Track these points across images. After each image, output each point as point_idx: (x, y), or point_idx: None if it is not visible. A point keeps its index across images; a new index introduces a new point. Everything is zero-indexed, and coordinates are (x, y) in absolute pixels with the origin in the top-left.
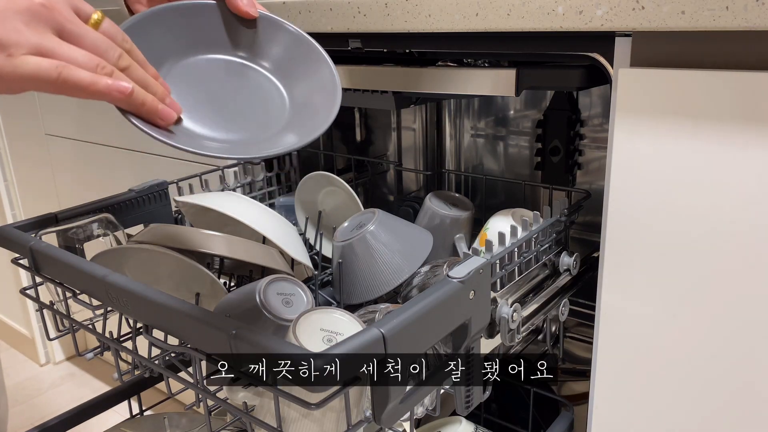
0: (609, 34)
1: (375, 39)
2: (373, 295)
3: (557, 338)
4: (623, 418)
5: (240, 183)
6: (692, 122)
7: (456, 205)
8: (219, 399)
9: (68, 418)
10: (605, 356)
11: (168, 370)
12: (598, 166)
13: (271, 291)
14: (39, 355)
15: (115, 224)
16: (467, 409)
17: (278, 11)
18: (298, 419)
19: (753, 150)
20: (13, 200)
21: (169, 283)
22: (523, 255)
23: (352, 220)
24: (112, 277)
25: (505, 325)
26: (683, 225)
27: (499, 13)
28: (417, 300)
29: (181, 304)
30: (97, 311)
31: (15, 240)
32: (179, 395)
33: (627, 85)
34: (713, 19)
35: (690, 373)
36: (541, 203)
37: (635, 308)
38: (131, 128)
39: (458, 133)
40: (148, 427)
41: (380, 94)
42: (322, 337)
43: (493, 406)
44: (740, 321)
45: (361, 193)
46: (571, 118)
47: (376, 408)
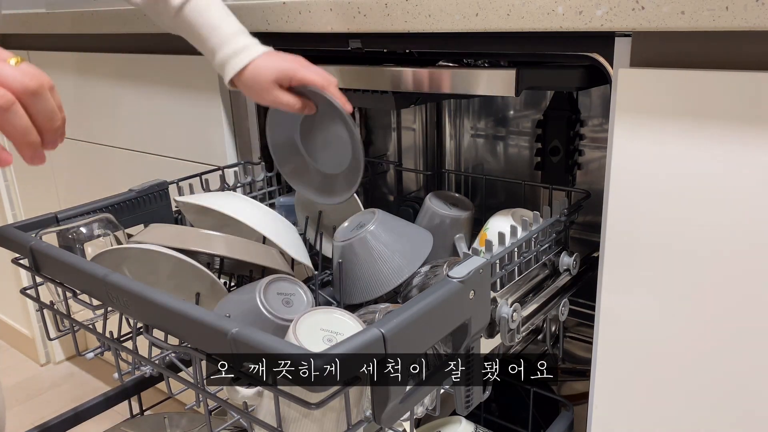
0: (609, 34)
1: (375, 39)
2: (373, 295)
3: (557, 338)
4: (623, 418)
5: (240, 183)
6: (692, 122)
7: (456, 205)
8: (219, 399)
9: (68, 418)
10: (605, 356)
11: (168, 370)
12: (598, 166)
13: (271, 291)
14: (39, 355)
15: (115, 224)
16: (467, 409)
17: (278, 11)
18: (298, 419)
19: (753, 150)
20: (13, 200)
21: (169, 283)
22: (523, 255)
23: (352, 220)
24: (112, 277)
25: (505, 325)
26: (683, 225)
27: (499, 13)
28: (417, 300)
29: (181, 304)
30: (97, 311)
31: (15, 240)
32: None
33: (627, 85)
34: (713, 19)
35: (689, 372)
36: (541, 203)
37: (635, 308)
38: (131, 128)
39: (458, 133)
40: (148, 427)
41: (380, 94)
42: (322, 337)
43: (493, 406)
44: (739, 320)
45: (361, 193)
46: (571, 118)
47: (376, 408)
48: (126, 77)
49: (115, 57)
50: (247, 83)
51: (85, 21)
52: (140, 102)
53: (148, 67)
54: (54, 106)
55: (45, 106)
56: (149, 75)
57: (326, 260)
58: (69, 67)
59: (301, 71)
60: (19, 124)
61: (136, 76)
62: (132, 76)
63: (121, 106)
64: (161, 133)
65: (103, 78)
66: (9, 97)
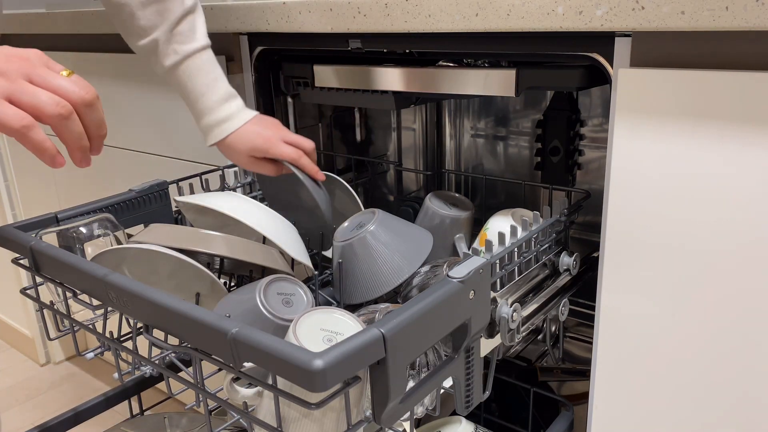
0: (609, 34)
1: (375, 39)
2: (373, 295)
3: (557, 338)
4: (623, 417)
5: (240, 183)
6: (692, 122)
7: (456, 205)
8: (219, 399)
9: (68, 418)
10: (605, 356)
11: (168, 370)
12: (598, 166)
13: (271, 291)
14: (39, 355)
15: (115, 224)
16: (467, 408)
17: (278, 11)
18: (298, 419)
19: (752, 150)
20: (13, 200)
21: (169, 283)
22: (523, 255)
23: (352, 220)
24: (112, 277)
25: (505, 325)
26: (683, 224)
27: (499, 13)
28: (417, 300)
29: (181, 304)
30: (97, 311)
31: (15, 240)
32: (179, 395)
33: (627, 85)
34: (713, 19)
35: (689, 372)
36: (541, 203)
37: (635, 308)
38: (131, 128)
39: (458, 133)
40: (148, 427)
41: (380, 94)
42: (322, 337)
43: (493, 406)
44: (739, 320)
45: (361, 193)
46: (571, 118)
47: (376, 408)
48: (126, 77)
49: (115, 57)
50: (226, 152)
51: (85, 21)
52: (140, 102)
53: (148, 67)
54: (102, 116)
55: (97, 116)
56: (149, 75)
57: (326, 260)
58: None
59: (272, 149)
60: (75, 131)
61: (136, 76)
62: (132, 76)
63: (121, 106)
64: (161, 133)
65: (103, 78)
66: (69, 108)
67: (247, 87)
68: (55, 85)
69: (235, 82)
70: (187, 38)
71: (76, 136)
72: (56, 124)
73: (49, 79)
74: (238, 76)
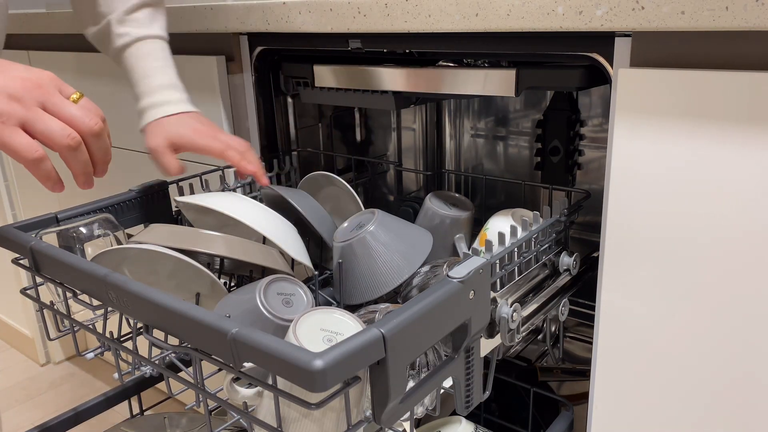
0: (609, 34)
1: (375, 39)
2: (373, 295)
3: (557, 338)
4: (623, 417)
5: (240, 183)
6: (692, 122)
7: (456, 205)
8: (219, 399)
9: (68, 418)
10: (605, 356)
11: (168, 370)
12: (598, 166)
13: (271, 291)
14: (39, 355)
15: (115, 224)
16: (467, 408)
17: (278, 11)
18: (298, 419)
19: (752, 150)
20: (13, 200)
21: (169, 283)
22: (522, 255)
23: (352, 220)
24: (112, 277)
25: (505, 325)
26: (683, 225)
27: (498, 13)
28: (417, 300)
29: (181, 304)
30: (97, 311)
31: (15, 240)
32: (179, 395)
33: (627, 85)
34: (713, 19)
35: (689, 372)
36: (541, 203)
37: (635, 308)
38: (131, 128)
39: (458, 133)
40: (148, 427)
41: (380, 94)
42: (322, 337)
43: (493, 406)
44: (739, 320)
45: (361, 193)
46: (570, 118)
47: (376, 408)
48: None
49: None
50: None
51: None
52: None
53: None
54: (108, 144)
55: (103, 145)
56: None
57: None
58: (69, 67)
59: (199, 140)
60: (82, 160)
61: None
62: None
63: (121, 106)
64: None
65: (103, 78)
66: (78, 139)
67: (247, 87)
68: (67, 114)
69: (235, 82)
70: (142, 25)
71: (82, 165)
72: (65, 155)
73: (62, 108)
74: (238, 76)
